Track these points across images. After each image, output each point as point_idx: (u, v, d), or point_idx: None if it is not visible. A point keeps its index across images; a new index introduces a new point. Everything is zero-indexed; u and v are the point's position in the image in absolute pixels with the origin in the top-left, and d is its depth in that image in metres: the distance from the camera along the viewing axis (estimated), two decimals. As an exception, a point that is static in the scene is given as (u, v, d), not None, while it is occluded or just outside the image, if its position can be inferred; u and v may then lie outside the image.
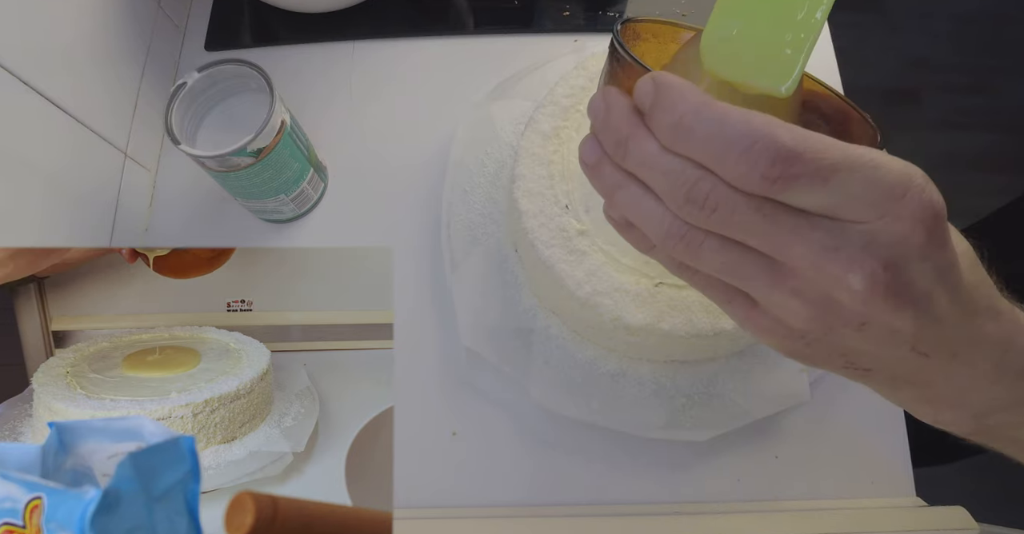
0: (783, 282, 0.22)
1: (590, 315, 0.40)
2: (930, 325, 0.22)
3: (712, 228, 0.22)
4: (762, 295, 0.23)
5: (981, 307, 0.24)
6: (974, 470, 0.81)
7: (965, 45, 1.46)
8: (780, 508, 0.44)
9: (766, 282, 0.23)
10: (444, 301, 0.49)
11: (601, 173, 0.25)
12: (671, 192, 0.22)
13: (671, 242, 0.23)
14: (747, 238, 0.22)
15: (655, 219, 0.23)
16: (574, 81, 0.45)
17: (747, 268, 0.23)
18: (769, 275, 0.22)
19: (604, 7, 0.59)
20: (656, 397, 0.44)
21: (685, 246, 0.23)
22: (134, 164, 0.52)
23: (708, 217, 0.22)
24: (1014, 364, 0.25)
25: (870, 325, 0.22)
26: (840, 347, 0.23)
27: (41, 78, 0.41)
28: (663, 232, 0.23)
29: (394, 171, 0.54)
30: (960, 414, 0.27)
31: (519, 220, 0.42)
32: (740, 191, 0.21)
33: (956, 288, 0.22)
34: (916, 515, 0.42)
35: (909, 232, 0.20)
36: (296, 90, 0.56)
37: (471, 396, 0.47)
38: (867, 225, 0.21)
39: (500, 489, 0.45)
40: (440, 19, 0.59)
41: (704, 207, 0.21)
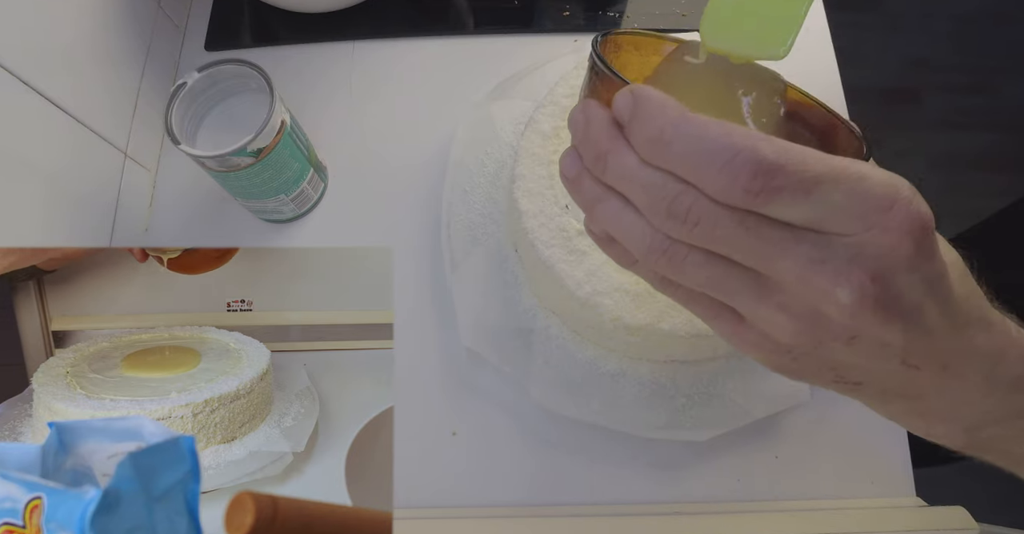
0: (769, 297, 0.22)
1: (590, 315, 0.40)
2: (920, 337, 0.22)
3: (695, 242, 0.22)
4: (748, 310, 0.23)
5: (972, 318, 0.24)
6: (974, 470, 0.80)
7: (965, 45, 1.46)
8: (780, 508, 0.44)
9: (751, 296, 0.22)
10: (444, 301, 0.49)
11: (581, 187, 0.24)
12: (652, 206, 0.22)
13: (653, 257, 0.23)
14: (731, 252, 0.22)
15: (636, 233, 0.23)
16: (574, 81, 0.45)
17: (732, 282, 0.22)
18: (755, 289, 0.22)
19: (604, 7, 0.59)
20: (656, 397, 0.44)
21: (668, 261, 0.23)
22: (134, 164, 0.52)
23: (690, 231, 0.21)
24: (1005, 376, 0.25)
25: (859, 338, 0.22)
26: (829, 361, 0.23)
27: (41, 78, 0.41)
28: (645, 247, 0.23)
29: (394, 171, 0.54)
30: (952, 427, 0.26)
31: (519, 220, 0.42)
32: (722, 204, 0.21)
33: (946, 300, 0.22)
34: (916, 515, 0.42)
35: (897, 244, 0.20)
36: (296, 90, 0.56)
37: (471, 396, 0.47)
38: (854, 237, 0.20)
39: (500, 489, 0.45)
40: (440, 19, 0.59)
41: (686, 221, 0.21)
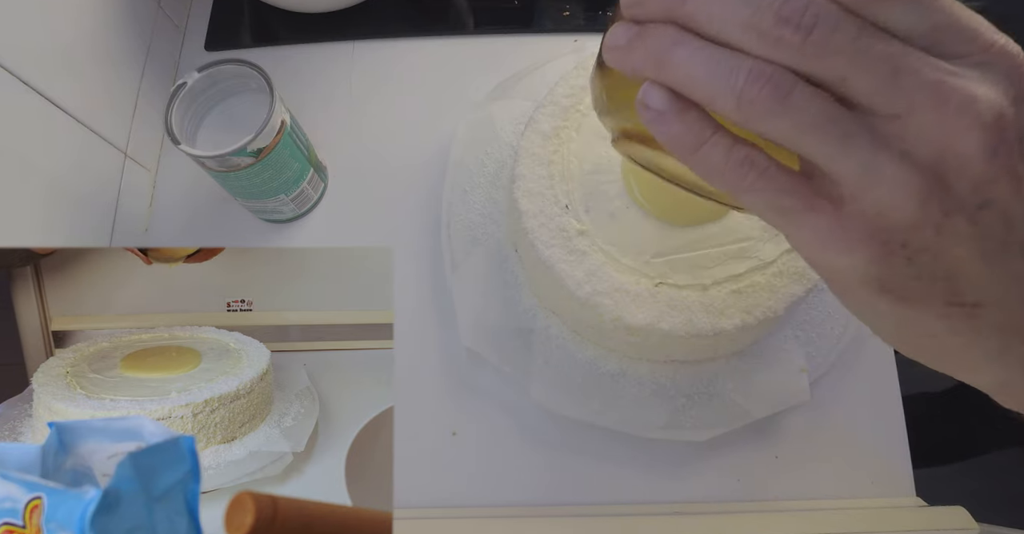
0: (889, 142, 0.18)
1: (590, 315, 0.40)
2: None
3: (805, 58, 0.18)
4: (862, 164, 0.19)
5: None
6: (974, 470, 0.81)
7: (965, 45, 1.46)
8: (780, 508, 0.44)
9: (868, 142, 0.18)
10: (444, 301, 0.49)
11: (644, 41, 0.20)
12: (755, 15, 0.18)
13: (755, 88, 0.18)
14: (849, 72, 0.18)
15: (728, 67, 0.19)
16: (574, 81, 0.45)
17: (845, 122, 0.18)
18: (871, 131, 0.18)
19: (604, 7, 0.59)
20: (656, 397, 0.44)
21: (773, 89, 0.18)
22: (134, 164, 0.52)
23: (803, 40, 0.18)
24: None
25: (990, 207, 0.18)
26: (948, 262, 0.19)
27: (41, 78, 0.41)
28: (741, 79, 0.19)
29: (394, 171, 0.54)
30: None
31: (519, 220, 0.42)
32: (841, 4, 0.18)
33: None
34: (916, 515, 0.42)
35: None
36: (296, 90, 0.56)
37: (471, 396, 0.47)
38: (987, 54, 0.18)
39: (500, 489, 0.45)
40: (440, 19, 0.59)
41: (800, 25, 0.18)
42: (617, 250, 0.41)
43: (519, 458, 0.46)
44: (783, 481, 0.45)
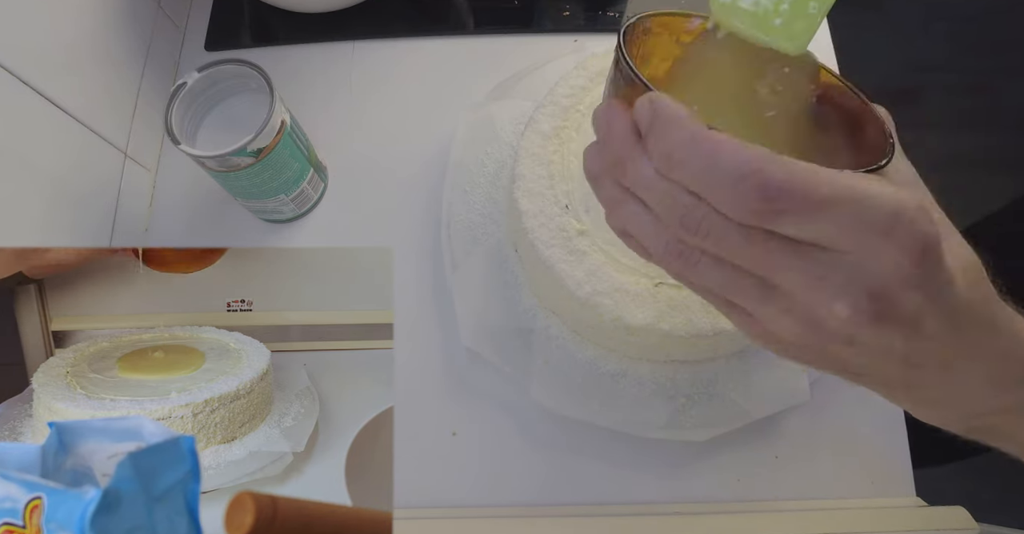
0: (773, 301, 0.23)
1: (590, 315, 0.40)
2: (921, 343, 0.23)
3: (707, 249, 0.23)
4: (755, 309, 0.24)
5: (981, 320, 0.24)
6: (974, 470, 0.81)
7: (965, 45, 1.46)
8: (780, 508, 0.44)
9: (758, 299, 0.23)
10: (444, 301, 0.49)
11: (603, 185, 0.26)
12: (666, 215, 0.23)
13: (668, 258, 0.24)
14: (739, 262, 0.23)
15: (653, 235, 0.24)
16: (574, 81, 0.45)
17: (740, 286, 0.24)
18: (761, 294, 0.23)
19: (604, 7, 0.59)
20: (656, 397, 0.44)
21: (683, 263, 0.24)
22: (134, 164, 0.52)
23: (702, 241, 0.23)
24: (1010, 375, 0.25)
25: (859, 344, 0.23)
26: (833, 357, 0.24)
27: (41, 78, 0.41)
28: (661, 248, 0.24)
29: (394, 171, 0.54)
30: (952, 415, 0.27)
31: (519, 220, 0.42)
32: (732, 220, 0.22)
33: (950, 311, 0.23)
34: (916, 515, 0.42)
35: (896, 264, 0.21)
36: (296, 90, 0.56)
37: (471, 396, 0.47)
38: (854, 256, 0.21)
39: (500, 489, 0.45)
40: (440, 19, 0.59)
41: (697, 232, 0.22)
42: (617, 250, 0.41)
43: (519, 458, 0.46)
44: (783, 481, 0.45)
